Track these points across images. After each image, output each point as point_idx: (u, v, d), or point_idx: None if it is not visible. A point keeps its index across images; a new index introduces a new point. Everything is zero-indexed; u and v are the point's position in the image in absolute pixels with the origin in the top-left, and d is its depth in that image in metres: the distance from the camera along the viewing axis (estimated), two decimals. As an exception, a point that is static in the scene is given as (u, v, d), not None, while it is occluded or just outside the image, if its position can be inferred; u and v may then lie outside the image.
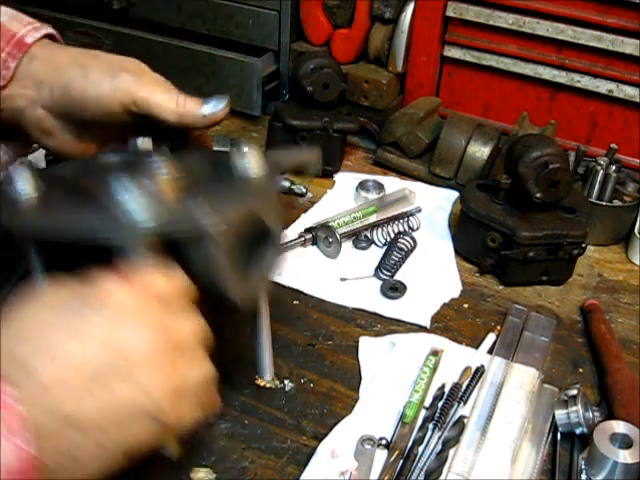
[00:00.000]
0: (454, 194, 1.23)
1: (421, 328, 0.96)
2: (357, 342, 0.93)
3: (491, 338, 0.94)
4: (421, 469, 0.76)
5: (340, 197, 1.23)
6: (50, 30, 0.79)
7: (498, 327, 0.96)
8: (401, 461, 0.77)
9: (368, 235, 1.12)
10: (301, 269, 1.04)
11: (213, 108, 0.75)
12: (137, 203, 0.61)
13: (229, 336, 0.80)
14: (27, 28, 0.76)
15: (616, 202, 1.14)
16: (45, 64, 0.75)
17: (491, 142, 1.21)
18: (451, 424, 0.81)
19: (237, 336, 0.86)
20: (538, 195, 1.00)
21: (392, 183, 1.25)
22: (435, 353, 0.90)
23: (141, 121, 0.76)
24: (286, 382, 0.87)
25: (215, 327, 0.62)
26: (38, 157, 0.90)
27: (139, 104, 0.73)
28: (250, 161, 0.69)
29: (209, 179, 0.74)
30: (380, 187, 1.21)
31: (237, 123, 1.44)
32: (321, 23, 1.38)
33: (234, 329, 0.86)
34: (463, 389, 0.85)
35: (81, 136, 0.80)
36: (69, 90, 0.74)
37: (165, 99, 0.74)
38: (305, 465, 0.76)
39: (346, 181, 1.26)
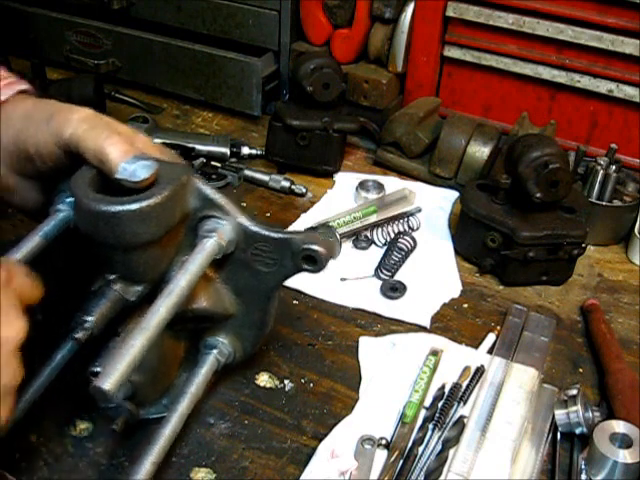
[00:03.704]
0: (454, 194, 1.23)
1: (421, 328, 0.96)
2: (357, 342, 0.93)
3: (491, 338, 0.94)
4: (421, 469, 0.76)
5: (340, 197, 1.23)
6: (23, 86, 0.77)
7: (498, 327, 0.96)
8: (401, 461, 0.77)
9: (368, 235, 1.12)
10: (301, 269, 1.04)
11: (129, 175, 0.67)
12: None
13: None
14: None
15: (616, 202, 1.14)
16: (5, 120, 0.74)
17: (491, 142, 1.21)
18: (451, 424, 0.81)
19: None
20: (538, 195, 1.00)
21: (392, 183, 1.25)
22: (435, 353, 0.90)
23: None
24: (286, 382, 0.87)
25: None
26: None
27: (68, 143, 0.69)
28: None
29: None
30: (380, 187, 1.21)
31: (237, 123, 1.44)
32: (321, 23, 1.38)
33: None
34: (463, 389, 0.85)
35: (42, 191, 0.77)
36: (17, 143, 0.73)
37: (86, 139, 0.69)
38: (305, 465, 0.76)
39: (346, 181, 1.26)
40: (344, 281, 1.03)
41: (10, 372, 0.58)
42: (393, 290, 1.01)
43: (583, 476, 0.76)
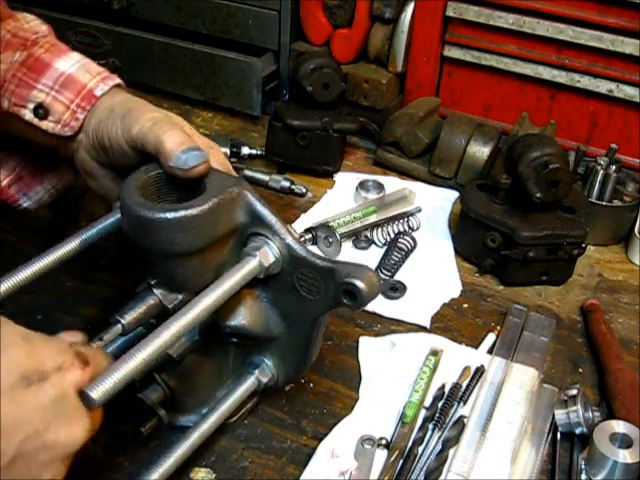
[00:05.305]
0: (454, 194, 1.23)
1: (421, 328, 0.96)
2: (357, 342, 0.93)
3: (491, 338, 0.94)
4: (421, 469, 0.76)
5: (340, 197, 1.23)
6: (117, 80, 0.81)
7: (498, 327, 0.96)
8: (401, 461, 0.77)
9: (368, 235, 1.12)
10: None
11: (182, 163, 0.69)
12: None
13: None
14: (96, 79, 0.79)
15: (616, 202, 1.14)
16: (91, 112, 0.78)
17: (491, 142, 1.21)
18: (451, 424, 0.81)
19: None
20: (538, 195, 1.00)
21: (392, 183, 1.25)
22: (435, 353, 0.90)
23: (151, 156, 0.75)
24: (286, 382, 0.87)
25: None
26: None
27: (135, 139, 0.73)
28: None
29: None
30: (380, 187, 1.21)
31: (237, 123, 1.44)
32: (321, 23, 1.39)
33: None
34: (463, 389, 0.85)
35: (116, 180, 0.80)
36: (97, 132, 0.77)
37: (148, 133, 0.72)
38: (305, 465, 0.76)
39: (346, 181, 1.26)
40: (344, 281, 1.03)
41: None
42: (393, 290, 1.01)
43: (583, 476, 0.76)
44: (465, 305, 1.01)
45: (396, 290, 1.01)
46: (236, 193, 0.70)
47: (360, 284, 0.67)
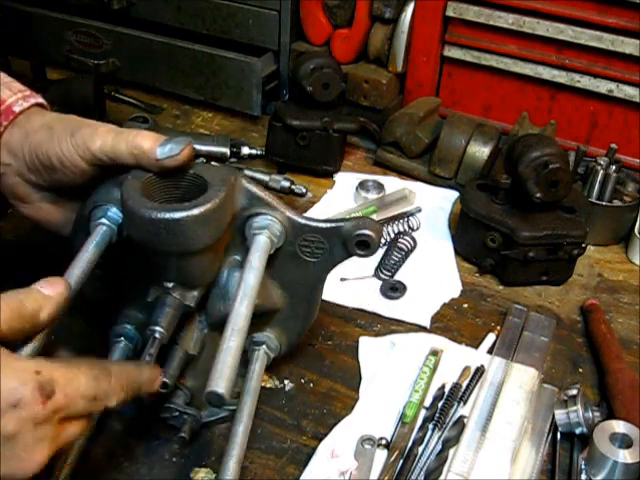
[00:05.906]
0: (454, 194, 1.23)
1: (421, 328, 0.96)
2: (357, 342, 0.93)
3: (491, 338, 0.94)
4: (421, 469, 0.76)
5: (340, 197, 1.23)
6: (39, 100, 0.78)
7: (498, 327, 0.96)
8: (401, 461, 0.77)
9: (368, 235, 1.12)
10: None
11: (169, 152, 0.70)
12: None
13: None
14: (17, 96, 0.76)
15: (616, 202, 1.14)
16: (21, 131, 0.74)
17: (491, 142, 1.21)
18: (451, 424, 0.81)
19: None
20: (538, 195, 1.00)
21: (392, 183, 1.25)
22: (435, 353, 0.90)
23: (112, 170, 0.73)
24: (286, 382, 0.87)
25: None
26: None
27: (97, 154, 0.71)
28: None
29: None
30: (380, 187, 1.21)
31: (237, 123, 1.44)
32: (321, 23, 1.39)
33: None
34: (463, 389, 0.85)
35: (56, 202, 0.79)
36: (37, 154, 0.73)
37: (117, 143, 0.71)
38: (305, 465, 0.76)
39: (346, 181, 1.26)
40: (344, 281, 1.03)
41: None
42: (393, 290, 1.01)
43: (583, 476, 0.76)
44: (465, 305, 1.01)
45: (396, 290, 1.01)
46: (234, 179, 0.73)
47: (370, 233, 0.74)
